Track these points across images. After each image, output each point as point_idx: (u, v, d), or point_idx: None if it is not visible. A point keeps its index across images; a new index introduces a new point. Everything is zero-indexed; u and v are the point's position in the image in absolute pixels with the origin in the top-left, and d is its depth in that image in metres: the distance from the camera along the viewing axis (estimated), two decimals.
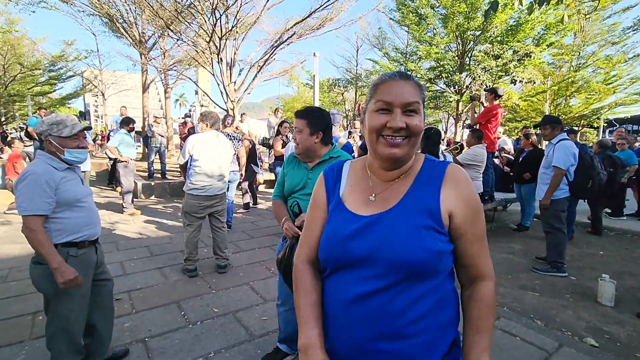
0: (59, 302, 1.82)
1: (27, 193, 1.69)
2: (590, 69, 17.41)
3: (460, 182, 0.87)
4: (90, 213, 1.95)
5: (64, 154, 1.82)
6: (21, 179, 1.73)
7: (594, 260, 4.25)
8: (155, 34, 11.00)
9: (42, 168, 1.77)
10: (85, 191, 1.95)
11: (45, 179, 1.72)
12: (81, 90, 18.47)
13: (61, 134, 1.80)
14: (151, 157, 8.22)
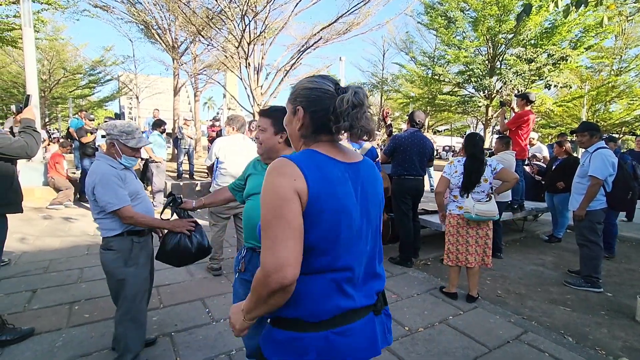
0: (125, 285, 2.01)
1: (108, 191, 1.90)
2: (633, 73, 16.47)
3: None
4: (147, 204, 2.14)
5: (121, 158, 2.03)
6: (94, 182, 1.92)
7: (633, 277, 4.00)
8: (187, 40, 11.46)
9: (105, 168, 1.96)
10: (140, 184, 2.16)
11: (113, 175, 1.94)
12: (117, 94, 19.49)
13: (127, 143, 2.01)
14: (180, 158, 8.52)
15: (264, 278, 0.84)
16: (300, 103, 0.99)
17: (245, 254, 1.83)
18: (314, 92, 0.98)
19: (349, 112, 0.93)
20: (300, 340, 0.93)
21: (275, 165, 0.91)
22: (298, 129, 1.01)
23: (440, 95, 17.27)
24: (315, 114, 0.97)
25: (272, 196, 0.88)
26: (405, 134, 3.93)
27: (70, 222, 5.45)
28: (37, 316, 2.69)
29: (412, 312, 2.94)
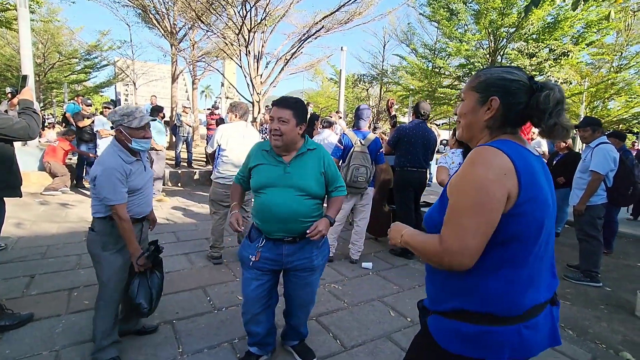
0: (100, 269, 1.99)
1: (109, 186, 1.87)
2: (633, 70, 16.44)
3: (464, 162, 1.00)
4: (144, 197, 2.10)
5: (131, 142, 1.97)
6: (99, 172, 1.89)
7: (632, 272, 4.04)
8: (185, 26, 11.23)
9: (115, 162, 1.93)
10: (145, 178, 2.11)
11: (120, 172, 1.90)
12: (114, 79, 19.14)
13: (131, 124, 1.95)
14: (179, 146, 8.44)
15: (440, 254, 0.92)
16: (495, 93, 0.98)
17: (264, 243, 1.82)
18: (514, 84, 0.97)
19: (554, 110, 0.94)
20: (492, 334, 0.94)
21: (484, 154, 0.91)
22: (485, 119, 1.00)
23: (440, 89, 17.17)
24: (511, 106, 0.97)
25: (477, 190, 0.88)
26: (410, 125, 3.89)
27: (67, 208, 5.39)
28: (36, 302, 2.66)
29: (413, 304, 2.93)
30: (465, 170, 0.92)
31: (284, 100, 1.80)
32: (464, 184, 0.91)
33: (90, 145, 6.84)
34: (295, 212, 1.78)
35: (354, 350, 2.29)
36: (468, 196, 0.89)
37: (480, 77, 1.03)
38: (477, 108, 1.01)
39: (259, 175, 1.84)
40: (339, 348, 2.30)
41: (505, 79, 0.98)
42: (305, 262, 1.89)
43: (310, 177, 1.83)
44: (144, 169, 2.11)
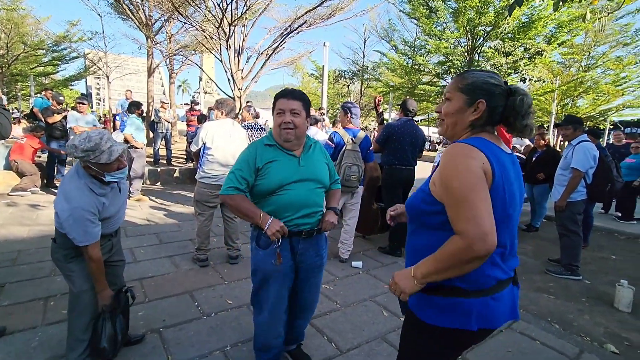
0: (71, 280, 1.87)
1: (79, 228, 1.69)
2: (600, 69, 17.23)
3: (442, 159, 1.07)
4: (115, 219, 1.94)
5: (105, 177, 1.76)
6: (67, 213, 1.68)
7: (607, 265, 4.22)
8: (162, 17, 10.80)
9: (85, 200, 1.70)
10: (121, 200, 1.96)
11: (91, 212, 1.72)
12: (84, 72, 18.24)
13: (99, 161, 1.68)
14: (157, 142, 8.14)
15: (468, 246, 0.93)
16: (482, 96, 1.07)
17: (281, 242, 1.67)
18: (498, 88, 1.08)
19: (527, 112, 1.07)
20: (463, 304, 1.05)
21: (461, 150, 1.01)
22: (471, 120, 1.10)
23: (420, 85, 17.42)
24: (495, 109, 1.08)
25: (468, 175, 0.96)
26: (398, 122, 3.87)
27: (38, 210, 5.07)
28: (8, 313, 2.47)
29: None
30: (450, 163, 1.00)
31: (292, 91, 1.71)
32: (454, 173, 0.98)
33: (61, 142, 6.46)
34: (316, 204, 1.78)
35: (350, 354, 2.26)
36: (462, 181, 0.96)
37: (467, 79, 1.10)
38: (464, 109, 1.10)
39: (274, 173, 1.67)
40: (334, 352, 2.26)
41: (490, 83, 1.08)
42: (317, 259, 1.85)
43: (322, 169, 1.83)
44: (119, 191, 1.92)
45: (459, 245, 0.94)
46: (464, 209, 0.94)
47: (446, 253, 0.98)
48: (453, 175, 0.98)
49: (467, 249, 0.93)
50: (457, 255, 0.95)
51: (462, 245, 0.93)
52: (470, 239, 0.92)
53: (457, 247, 0.95)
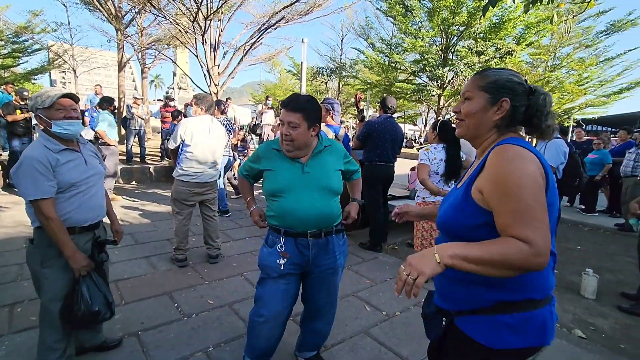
0: (40, 288, 1.76)
1: (27, 178, 1.59)
2: (564, 70, 18.07)
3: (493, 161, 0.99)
4: (87, 198, 1.79)
5: (52, 127, 1.69)
6: (18, 164, 1.62)
7: (573, 255, 4.46)
8: (133, 9, 10.37)
9: (36, 151, 1.65)
10: (86, 174, 1.79)
11: (40, 161, 1.62)
12: (48, 66, 17.24)
13: (44, 104, 1.68)
14: (130, 140, 7.84)
15: (533, 256, 0.84)
16: (506, 94, 1.01)
17: (284, 241, 1.70)
18: (521, 87, 1.02)
19: (550, 112, 1.02)
20: (535, 318, 0.96)
21: (516, 152, 0.93)
22: (495, 119, 1.03)
23: (396, 83, 17.68)
24: (518, 108, 1.02)
25: (530, 181, 0.88)
26: (379, 119, 3.92)
27: (0, 212, 4.77)
28: None
29: (387, 297, 3.00)
30: (507, 166, 0.91)
31: (293, 101, 1.64)
32: (515, 178, 0.89)
33: (24, 140, 6.10)
34: (320, 213, 1.70)
35: (334, 349, 2.28)
36: (526, 188, 0.87)
37: (489, 77, 1.04)
38: (487, 108, 1.03)
39: (275, 179, 1.71)
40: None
41: (513, 81, 1.02)
42: (330, 262, 1.79)
43: (330, 174, 1.75)
44: (84, 163, 1.81)
45: (523, 251, 0.84)
46: (530, 217, 0.86)
47: (501, 251, 0.86)
48: (513, 181, 0.88)
49: (530, 257, 0.84)
50: (516, 259, 0.85)
51: (527, 252, 0.84)
52: (538, 249, 0.84)
53: (519, 251, 0.84)
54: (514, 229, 0.87)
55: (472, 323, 1.01)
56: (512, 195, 0.88)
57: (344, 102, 21.70)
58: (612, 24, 15.90)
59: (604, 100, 17.83)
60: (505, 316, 0.96)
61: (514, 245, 0.85)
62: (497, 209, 0.91)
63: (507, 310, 0.96)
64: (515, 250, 0.85)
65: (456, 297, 1.05)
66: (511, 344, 0.96)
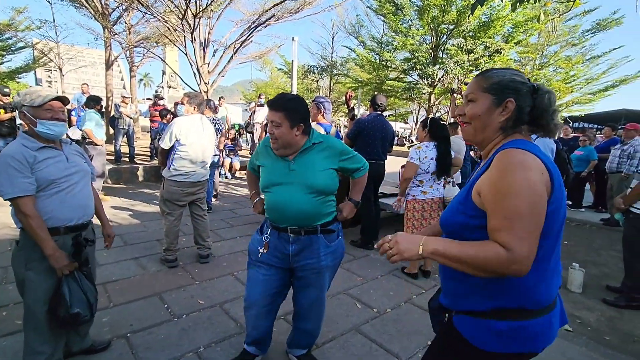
0: (24, 291, 1.72)
1: (2, 175, 1.57)
2: (552, 68, 18.34)
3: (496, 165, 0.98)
4: (69, 196, 1.75)
5: (36, 125, 1.66)
6: None
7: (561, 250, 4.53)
8: (120, 7, 10.20)
9: (13, 149, 1.63)
10: (67, 171, 1.75)
11: (17, 159, 1.59)
12: (33, 64, 16.88)
13: (33, 103, 1.66)
14: (118, 139, 7.72)
15: (510, 263, 0.85)
16: (510, 95, 1.00)
17: (270, 232, 1.80)
18: (524, 86, 1.01)
19: (555, 111, 1.01)
20: (526, 328, 0.97)
21: (518, 158, 0.92)
22: (500, 121, 1.02)
23: (387, 81, 17.74)
24: (523, 108, 1.01)
25: (529, 191, 0.87)
26: (369, 117, 3.93)
27: None
28: None
29: (378, 294, 3.01)
30: (507, 174, 0.90)
31: (276, 100, 1.67)
32: (513, 186, 0.88)
33: (8, 140, 5.96)
34: (303, 211, 1.71)
35: (326, 347, 2.28)
36: (522, 198, 0.87)
37: (492, 78, 1.02)
38: (492, 109, 1.02)
39: (265, 173, 1.81)
40: None
41: (516, 81, 1.01)
42: (312, 262, 1.79)
43: (317, 173, 1.72)
44: (66, 160, 1.76)
45: (501, 257, 0.86)
46: (519, 226, 0.86)
47: (480, 254, 0.88)
48: (511, 190, 0.88)
49: (507, 264, 0.86)
50: (492, 263, 0.87)
51: (505, 259, 0.85)
52: (516, 258, 0.85)
53: (497, 257, 0.86)
54: (499, 234, 0.88)
55: (467, 324, 1.03)
56: (506, 202, 0.88)
57: (336, 101, 21.70)
58: (597, 22, 16.18)
59: (590, 98, 18.14)
60: (498, 323, 0.98)
61: (493, 250, 0.87)
62: (491, 212, 0.92)
63: (500, 316, 0.98)
64: (492, 255, 0.87)
65: (455, 295, 1.07)
66: (500, 349, 0.98)
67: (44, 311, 1.71)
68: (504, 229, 0.87)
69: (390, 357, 2.21)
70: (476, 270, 0.90)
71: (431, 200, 3.28)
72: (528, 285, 0.95)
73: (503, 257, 0.85)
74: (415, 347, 2.30)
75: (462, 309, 1.04)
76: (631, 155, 5.39)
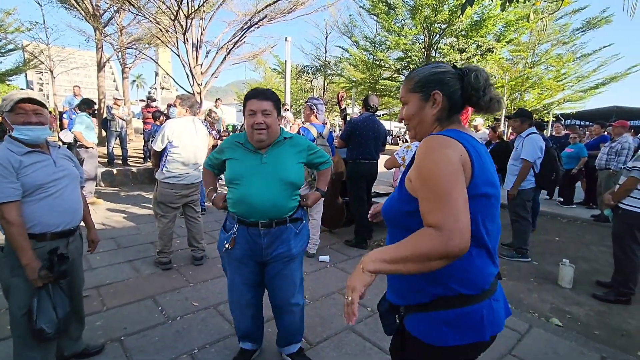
0: (10, 297, 1.70)
1: None
2: (543, 66, 18.52)
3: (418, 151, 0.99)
4: (57, 201, 1.72)
5: (13, 131, 1.64)
6: None
7: (552, 246, 4.60)
8: (111, 8, 10.12)
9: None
10: (54, 175, 1.72)
11: (2, 164, 1.56)
12: (23, 66, 16.67)
13: (5, 109, 1.64)
14: (111, 141, 7.68)
15: (445, 242, 0.83)
16: (434, 87, 1.03)
17: (237, 229, 1.81)
18: (447, 75, 1.03)
19: (486, 86, 1.01)
20: (470, 314, 0.98)
21: (437, 141, 0.95)
22: (434, 113, 1.04)
23: (381, 81, 17.80)
24: (453, 94, 1.03)
25: (447, 166, 0.89)
26: (361, 118, 3.95)
27: None
28: None
29: (371, 293, 2.98)
30: (427, 155, 0.93)
31: (263, 91, 1.72)
32: (433, 166, 0.90)
33: None
34: (272, 203, 1.75)
35: (320, 346, 2.30)
36: (442, 174, 0.88)
37: (414, 78, 1.07)
38: (422, 106, 1.06)
39: (233, 167, 1.79)
40: (304, 345, 2.29)
41: (437, 72, 1.04)
42: (284, 251, 1.85)
43: (288, 166, 1.80)
44: (53, 164, 1.73)
45: (434, 239, 0.84)
46: (443, 202, 0.86)
47: (415, 245, 0.86)
48: (431, 168, 0.91)
49: (443, 244, 0.83)
50: (429, 249, 0.84)
51: (438, 239, 0.83)
52: (449, 234, 0.83)
53: (431, 240, 0.84)
54: (428, 216, 0.88)
55: (417, 322, 1.03)
56: (428, 183, 0.90)
57: (330, 101, 21.71)
58: (587, 21, 16.39)
59: (581, 96, 18.36)
60: (442, 312, 0.98)
61: (426, 235, 0.86)
62: (420, 196, 0.94)
63: (444, 306, 0.99)
64: (427, 239, 0.85)
65: (402, 288, 1.07)
66: (451, 341, 0.98)
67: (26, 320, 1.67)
68: (431, 210, 0.88)
69: (384, 355, 2.23)
70: (423, 262, 0.86)
71: None
72: (465, 271, 0.97)
73: (437, 238, 0.84)
74: None
75: (411, 303, 1.05)
76: (619, 152, 5.48)
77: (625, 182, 2.95)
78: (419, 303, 1.02)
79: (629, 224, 3.00)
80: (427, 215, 0.89)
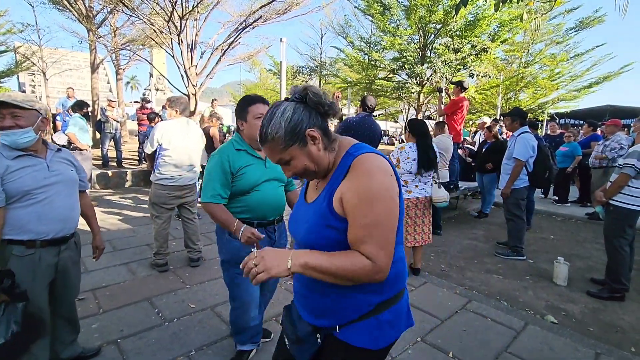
0: None
1: None
2: (537, 65, 18.68)
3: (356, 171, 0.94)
4: (46, 208, 1.67)
5: None
6: None
7: (547, 244, 4.64)
8: (105, 9, 10.06)
9: None
10: (44, 181, 1.67)
11: None
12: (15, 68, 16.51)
13: None
14: (105, 143, 7.63)
15: (375, 273, 0.91)
16: (301, 128, 0.96)
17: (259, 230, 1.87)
18: (297, 111, 0.96)
19: (323, 98, 0.98)
20: (402, 307, 1.07)
21: (377, 163, 0.95)
22: (320, 148, 1.00)
23: (377, 81, 17.84)
24: (315, 119, 0.99)
25: (387, 199, 0.92)
26: (357, 118, 3.95)
27: None
28: None
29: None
30: (371, 179, 0.91)
31: (260, 97, 1.88)
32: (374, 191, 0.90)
33: None
34: (282, 201, 2.00)
35: None
36: (381, 204, 0.90)
37: (275, 135, 0.96)
38: (307, 150, 0.98)
39: (249, 175, 1.85)
40: None
41: (287, 117, 0.95)
42: (284, 241, 2.12)
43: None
44: (47, 169, 1.69)
45: (366, 268, 0.90)
46: (379, 234, 0.90)
47: (348, 267, 0.90)
48: (374, 195, 0.90)
49: (372, 274, 0.91)
50: (360, 274, 0.91)
51: (370, 270, 0.90)
52: (379, 267, 0.90)
53: (363, 268, 0.90)
54: (363, 245, 0.91)
55: (357, 330, 1.01)
56: (368, 209, 0.90)
57: None
58: (580, 21, 16.54)
59: (575, 95, 18.54)
60: (385, 313, 1.01)
61: (359, 263, 0.90)
62: (352, 218, 0.92)
63: (385, 308, 1.02)
64: (360, 267, 0.90)
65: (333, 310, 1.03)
66: (391, 338, 1.03)
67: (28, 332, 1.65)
68: (366, 239, 0.90)
69: None
70: (344, 280, 0.93)
71: (416, 199, 3.34)
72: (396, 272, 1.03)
73: (369, 268, 0.90)
74: (404, 344, 2.34)
75: (353, 318, 1.01)
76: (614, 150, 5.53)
77: (617, 178, 2.99)
78: (361, 315, 1.00)
79: (620, 220, 3.04)
80: (359, 243, 0.91)
